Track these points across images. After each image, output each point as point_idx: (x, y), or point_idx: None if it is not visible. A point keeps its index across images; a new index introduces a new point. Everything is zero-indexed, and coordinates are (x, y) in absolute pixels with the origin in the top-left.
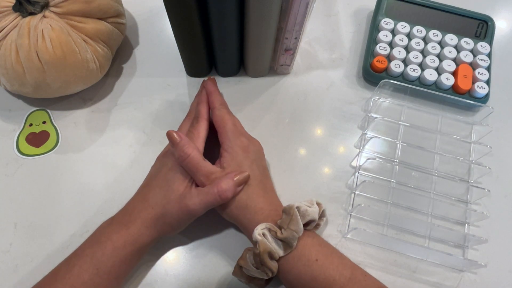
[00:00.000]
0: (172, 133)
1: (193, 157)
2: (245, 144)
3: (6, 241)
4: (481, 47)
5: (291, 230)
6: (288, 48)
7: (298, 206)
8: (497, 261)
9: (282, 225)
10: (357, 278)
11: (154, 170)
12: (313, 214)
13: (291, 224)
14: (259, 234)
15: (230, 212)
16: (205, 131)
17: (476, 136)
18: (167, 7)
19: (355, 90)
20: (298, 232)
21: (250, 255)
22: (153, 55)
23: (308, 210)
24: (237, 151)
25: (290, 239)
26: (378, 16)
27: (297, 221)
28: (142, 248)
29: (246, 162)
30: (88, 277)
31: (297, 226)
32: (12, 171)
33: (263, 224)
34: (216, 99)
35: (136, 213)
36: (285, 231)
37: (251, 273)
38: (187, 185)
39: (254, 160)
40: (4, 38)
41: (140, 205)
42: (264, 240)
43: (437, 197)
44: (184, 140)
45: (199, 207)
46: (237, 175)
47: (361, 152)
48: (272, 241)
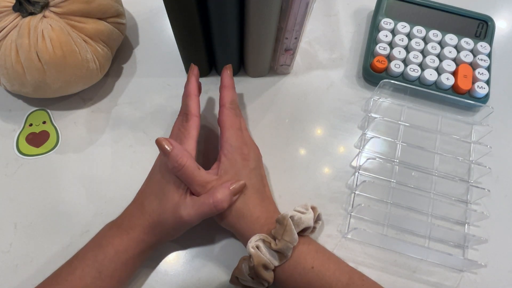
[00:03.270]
0: (161, 142)
1: (187, 167)
2: (245, 152)
3: (6, 241)
4: (481, 47)
5: (285, 241)
6: (288, 48)
7: (291, 215)
8: (497, 261)
9: (276, 235)
10: (355, 283)
11: (150, 176)
12: (308, 221)
13: (285, 235)
14: (252, 247)
15: (227, 221)
16: (196, 129)
17: (476, 136)
18: (167, 7)
19: (355, 90)
20: (293, 242)
21: (245, 264)
22: (153, 55)
23: (302, 218)
24: (237, 158)
25: (284, 250)
26: (378, 16)
27: (291, 231)
28: (143, 253)
29: (245, 171)
30: (90, 280)
31: (291, 236)
32: (12, 171)
33: (256, 235)
34: (228, 95)
35: (135, 219)
36: (279, 242)
37: (247, 283)
38: (181, 194)
39: (253, 169)
40: (4, 38)
41: (138, 212)
42: (258, 253)
43: (437, 197)
44: (176, 149)
45: (194, 218)
46: (233, 183)
47: (361, 152)
48: (267, 253)
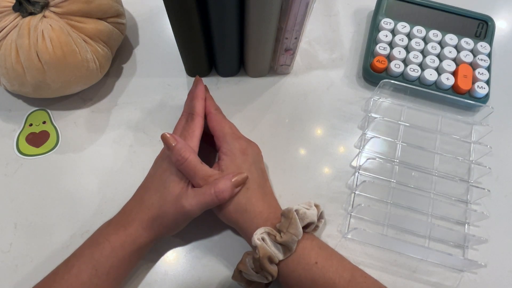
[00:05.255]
0: (166, 137)
1: (190, 161)
2: (243, 147)
3: (6, 241)
4: (481, 47)
5: (291, 234)
6: (288, 48)
7: (297, 209)
8: (497, 261)
9: (281, 228)
10: (357, 280)
11: (151, 172)
12: (312, 217)
13: (290, 228)
14: (258, 238)
15: (229, 216)
16: (200, 129)
17: (476, 136)
18: (167, 7)
19: (355, 90)
20: (298, 236)
21: (249, 259)
22: (153, 55)
23: (307, 212)
24: (236, 153)
25: (289, 242)
26: (378, 16)
27: (296, 224)
28: (140, 249)
29: (245, 165)
30: (87, 277)
31: (297, 229)
32: (12, 171)
33: (262, 228)
34: (209, 103)
35: (133, 214)
36: (284, 234)
37: (251, 277)
38: (183, 186)
39: (252, 163)
40: (4, 38)
41: (137, 206)
42: (263, 245)
43: (437, 197)
44: (180, 144)
45: (196, 208)
46: (235, 176)
47: (361, 152)
48: (272, 245)
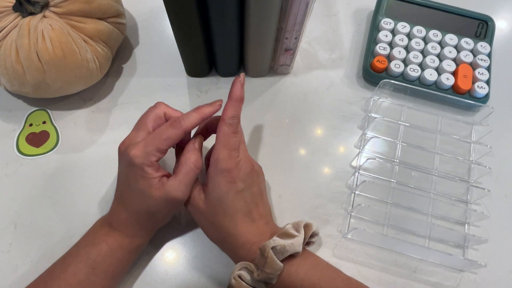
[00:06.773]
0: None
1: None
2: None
3: (6, 241)
4: (481, 47)
5: (267, 273)
6: (288, 48)
7: (273, 246)
8: (497, 261)
9: (258, 265)
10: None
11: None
12: (294, 248)
13: (266, 267)
14: (234, 277)
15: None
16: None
17: (476, 136)
18: (167, 7)
19: (355, 90)
20: (274, 273)
21: None
22: (153, 55)
23: (286, 247)
24: (220, 182)
25: (267, 279)
26: (378, 16)
27: (272, 262)
28: (138, 248)
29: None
30: (84, 276)
31: (273, 268)
32: (12, 171)
33: (239, 264)
34: (231, 109)
35: (123, 219)
36: (261, 273)
37: None
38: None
39: (240, 191)
40: (4, 38)
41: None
42: (239, 284)
43: (437, 197)
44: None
45: (185, 191)
46: (194, 142)
47: (361, 152)
48: (250, 281)
